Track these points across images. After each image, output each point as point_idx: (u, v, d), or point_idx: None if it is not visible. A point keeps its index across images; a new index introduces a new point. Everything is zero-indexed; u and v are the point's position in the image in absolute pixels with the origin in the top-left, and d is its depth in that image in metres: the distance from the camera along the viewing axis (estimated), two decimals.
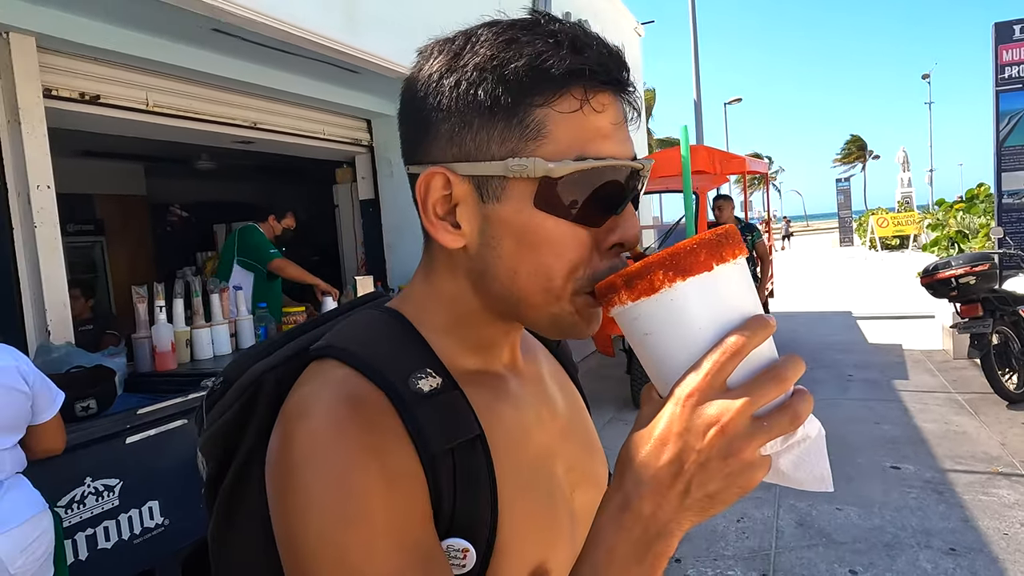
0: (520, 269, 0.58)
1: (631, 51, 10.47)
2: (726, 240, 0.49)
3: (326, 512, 0.50)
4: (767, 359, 0.49)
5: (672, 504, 0.47)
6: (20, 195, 3.18)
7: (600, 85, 0.56)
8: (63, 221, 7.93)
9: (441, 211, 0.60)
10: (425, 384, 0.57)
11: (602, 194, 0.57)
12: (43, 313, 3.22)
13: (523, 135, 0.55)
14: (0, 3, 2.99)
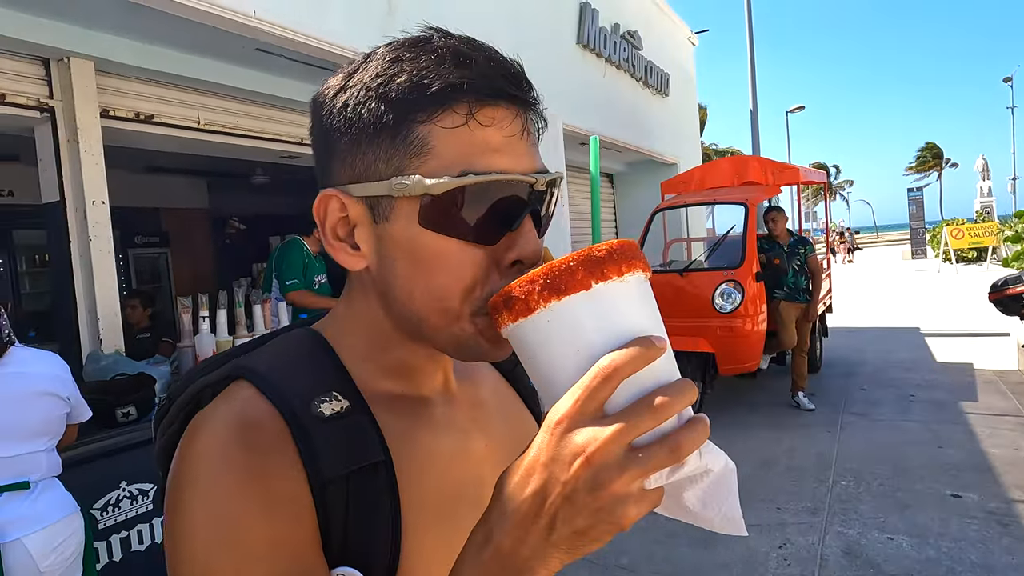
0: (415, 290, 0.57)
1: (684, 60, 10.32)
2: (610, 257, 0.46)
3: (200, 535, 0.49)
4: (657, 384, 0.45)
5: (535, 539, 0.43)
6: (77, 210, 3.36)
7: (487, 98, 0.54)
8: (132, 233, 8.37)
9: (342, 233, 0.59)
10: (327, 408, 0.56)
11: (495, 210, 0.54)
12: (96, 322, 3.38)
13: (407, 152, 0.54)
14: (61, 30, 3.19)
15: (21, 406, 1.93)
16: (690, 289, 5.71)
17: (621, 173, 10.03)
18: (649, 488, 0.43)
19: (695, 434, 0.43)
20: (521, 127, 0.57)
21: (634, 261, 0.48)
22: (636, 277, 0.48)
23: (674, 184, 7.32)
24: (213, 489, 0.50)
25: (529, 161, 0.57)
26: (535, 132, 0.59)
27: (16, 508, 1.90)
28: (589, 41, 6.80)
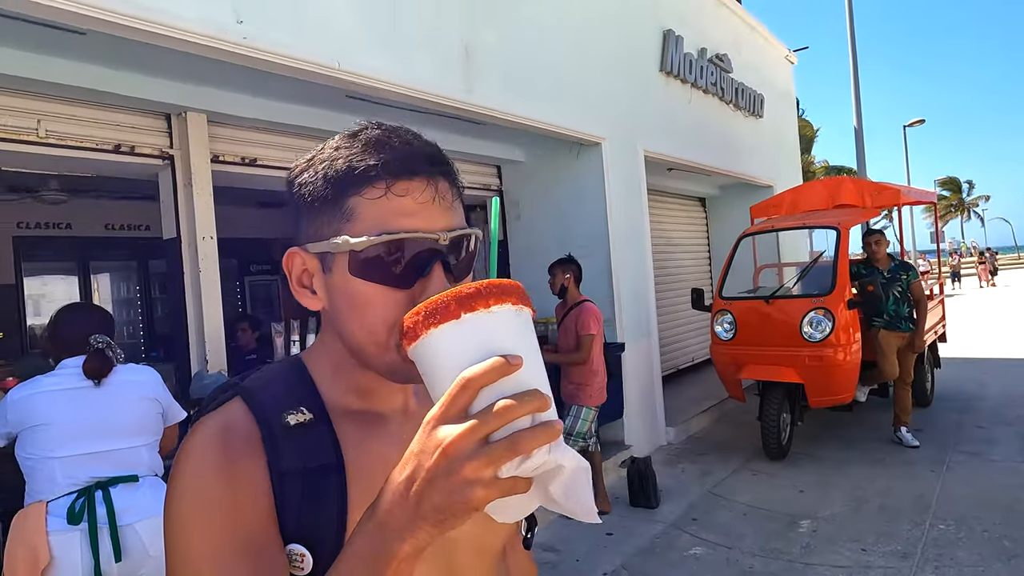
0: (353, 326, 0.71)
1: (781, 80, 10.03)
2: (478, 293, 0.56)
3: (183, 504, 0.67)
4: (512, 391, 0.53)
5: (406, 513, 0.53)
6: (190, 245, 3.80)
7: (402, 175, 0.69)
8: (247, 262, 9.09)
9: (305, 281, 0.75)
10: (293, 419, 0.71)
11: (407, 260, 0.68)
12: (203, 344, 3.78)
13: (341, 219, 0.70)
14: (179, 89, 3.65)
15: (124, 408, 2.29)
16: (777, 316, 5.53)
17: (714, 197, 9.84)
18: (502, 477, 0.53)
19: (535, 433, 0.52)
20: (432, 195, 0.70)
21: (504, 297, 0.56)
22: (505, 309, 0.56)
23: (764, 208, 7.12)
24: (192, 475, 0.68)
25: (441, 221, 0.70)
26: (450, 196, 0.72)
27: (129, 498, 2.22)
28: (673, 68, 6.80)
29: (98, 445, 2.22)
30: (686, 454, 6.01)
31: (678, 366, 8.79)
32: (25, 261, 6.87)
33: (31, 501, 2.19)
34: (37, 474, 2.20)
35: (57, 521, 2.13)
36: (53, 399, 2.22)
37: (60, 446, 2.19)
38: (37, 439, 2.19)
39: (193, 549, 0.65)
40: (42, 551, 2.09)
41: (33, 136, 3.33)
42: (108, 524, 2.17)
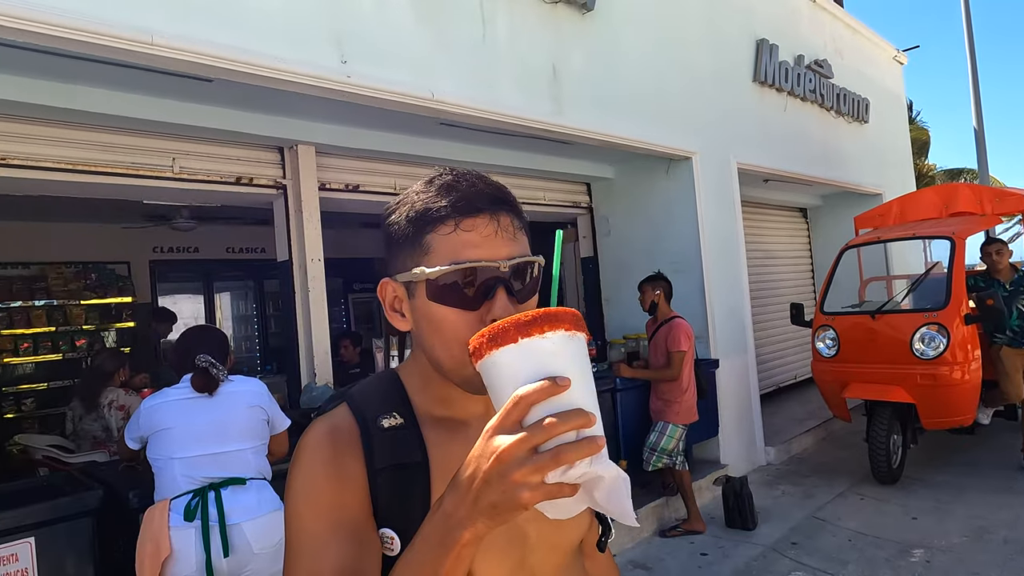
0: (433, 343, 0.83)
1: (889, 82, 9.52)
2: (535, 320, 0.63)
3: (296, 495, 0.82)
4: (561, 408, 0.61)
5: (466, 507, 0.63)
6: (300, 267, 4.12)
7: (468, 213, 0.81)
8: (351, 281, 9.56)
9: (396, 307, 0.89)
10: (387, 422, 0.85)
11: (473, 285, 0.80)
12: (312, 359, 4.08)
13: (420, 253, 0.83)
14: (291, 125, 3.99)
15: (233, 415, 2.54)
16: (885, 332, 5.24)
17: (815, 207, 9.43)
18: (548, 482, 0.61)
19: (578, 447, 0.60)
20: (495, 229, 0.82)
21: (557, 324, 0.64)
22: (559, 335, 0.64)
23: (869, 218, 6.77)
24: (306, 466, 0.83)
25: (503, 251, 0.81)
26: (512, 229, 0.83)
27: (238, 499, 2.45)
28: (767, 77, 6.64)
29: (212, 447, 2.47)
30: (787, 475, 5.78)
31: (779, 384, 8.45)
32: (159, 282, 7.61)
33: (158, 499, 2.47)
34: (163, 474, 2.48)
35: (176, 518, 2.38)
36: (175, 407, 2.51)
37: (180, 448, 2.45)
38: (162, 442, 2.48)
39: (305, 531, 0.79)
40: (163, 544, 2.34)
41: (169, 172, 3.75)
42: (219, 523, 2.40)
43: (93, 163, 3.50)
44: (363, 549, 0.79)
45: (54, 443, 4.34)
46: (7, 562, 2.34)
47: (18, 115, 3.22)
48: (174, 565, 2.35)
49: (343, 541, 0.78)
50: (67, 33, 2.42)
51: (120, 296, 7.10)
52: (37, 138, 3.32)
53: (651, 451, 4.41)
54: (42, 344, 6.62)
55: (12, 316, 6.46)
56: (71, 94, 3.15)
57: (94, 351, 6.57)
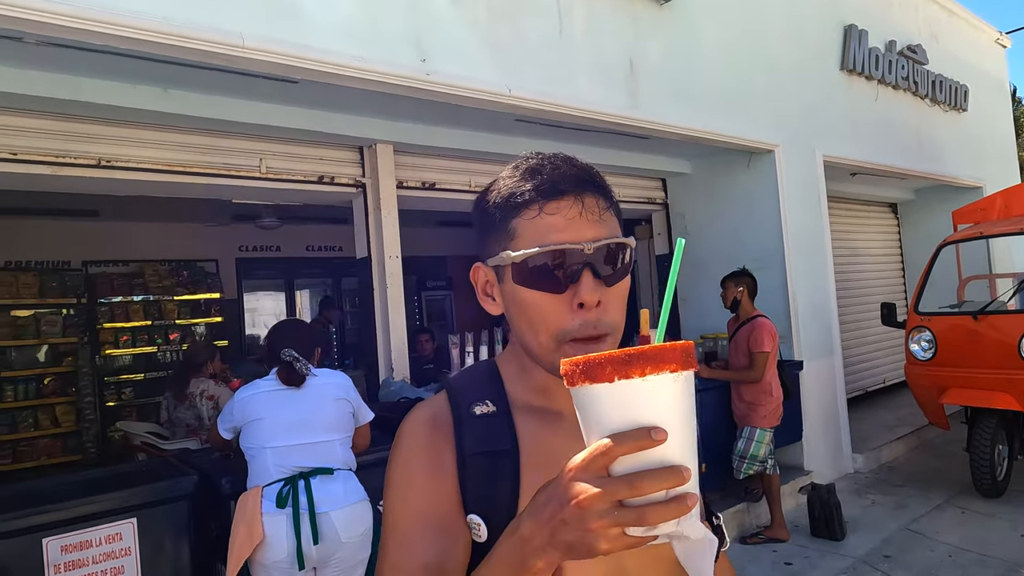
0: (522, 328, 0.83)
1: (991, 66, 8.89)
2: (633, 359, 0.57)
3: (392, 479, 0.84)
4: (660, 463, 0.56)
5: (542, 538, 0.61)
6: (378, 263, 4.20)
7: (551, 197, 0.80)
8: (424, 279, 9.73)
9: (488, 291, 0.88)
10: (479, 409, 0.85)
11: (557, 268, 0.78)
12: (389, 354, 4.15)
13: (507, 238, 0.82)
14: (371, 124, 4.07)
15: (321, 407, 2.60)
16: (989, 335, 4.88)
17: (907, 202, 8.90)
18: (631, 535, 0.57)
19: (665, 509, 0.56)
20: (579, 211, 0.79)
21: (661, 365, 0.57)
22: (660, 378, 0.57)
23: (969, 212, 6.32)
24: (402, 454, 0.85)
25: (589, 233, 0.79)
26: (598, 210, 0.81)
27: (326, 488, 2.51)
28: (856, 65, 6.31)
29: (301, 438, 2.54)
30: (877, 484, 5.47)
31: (866, 388, 8.03)
32: (245, 279, 7.96)
33: (251, 486, 2.55)
34: (255, 462, 2.56)
35: (269, 504, 2.46)
36: (267, 398, 2.59)
37: (272, 438, 2.53)
38: (254, 432, 2.56)
39: (397, 522, 0.82)
40: (256, 529, 2.42)
41: (256, 172, 3.89)
42: (308, 511, 2.46)
43: (188, 164, 3.67)
44: (449, 541, 0.79)
45: (151, 430, 4.60)
46: (112, 540, 2.48)
47: (121, 119, 3.40)
48: (266, 551, 2.42)
49: (430, 534, 0.79)
50: (162, 38, 2.53)
51: (209, 292, 7.46)
52: (140, 141, 3.51)
53: (740, 459, 4.25)
54: (139, 337, 7.04)
55: (113, 310, 6.88)
56: (168, 98, 3.32)
57: (187, 344, 6.93)
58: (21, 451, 6.22)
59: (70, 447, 6.44)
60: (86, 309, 6.76)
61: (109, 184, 3.60)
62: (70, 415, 6.47)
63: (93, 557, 2.44)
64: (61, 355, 6.55)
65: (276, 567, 2.44)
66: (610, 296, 0.80)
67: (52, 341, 6.48)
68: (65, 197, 4.74)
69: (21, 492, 2.94)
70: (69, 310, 6.65)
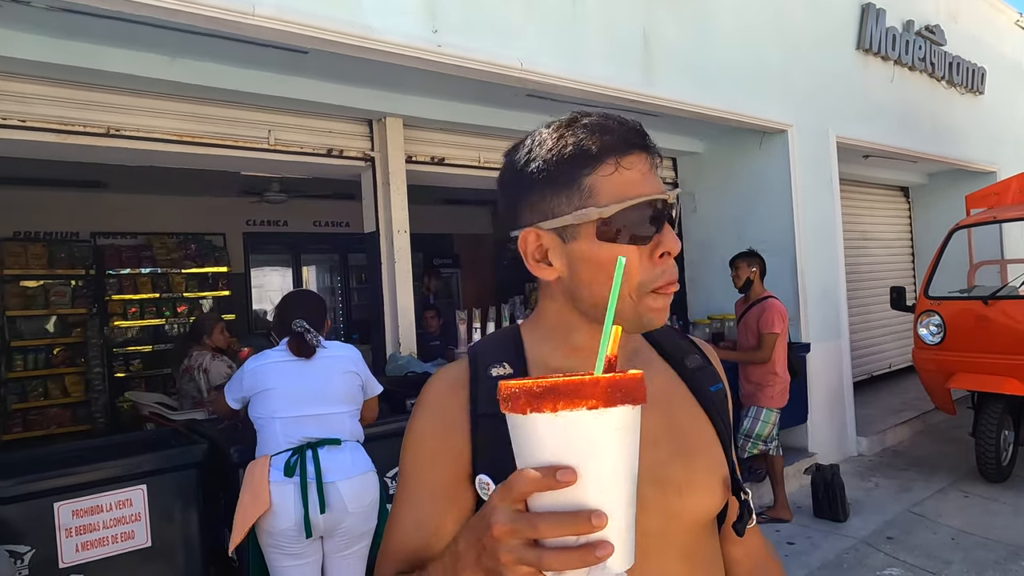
0: (598, 286, 0.80)
1: (1009, 49, 8.74)
2: (546, 393, 0.53)
3: (408, 438, 0.86)
4: (574, 505, 0.53)
5: (471, 557, 0.61)
6: (386, 238, 4.18)
7: (626, 151, 0.80)
8: (431, 255, 9.73)
9: (539, 256, 0.84)
10: (495, 371, 0.85)
11: (643, 221, 0.79)
12: (396, 329, 4.15)
13: (581, 195, 0.80)
14: (381, 97, 4.03)
15: (331, 379, 2.60)
16: (999, 320, 4.85)
17: (919, 186, 8.81)
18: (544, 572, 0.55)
19: (567, 555, 0.54)
20: (649, 165, 0.81)
21: (577, 400, 0.52)
22: (576, 415, 0.53)
23: (983, 197, 6.24)
24: (417, 413, 0.87)
25: (659, 186, 0.81)
26: (657, 165, 0.83)
27: (333, 459, 2.52)
28: (872, 44, 6.20)
29: (310, 409, 2.55)
30: (880, 467, 5.48)
31: (872, 372, 8.02)
32: (252, 253, 7.96)
33: (259, 455, 2.57)
34: (264, 432, 2.57)
35: (277, 473, 2.47)
36: (277, 369, 2.59)
37: (281, 408, 2.54)
38: (264, 401, 2.56)
39: (404, 483, 0.85)
40: (263, 497, 2.43)
41: (265, 144, 3.87)
42: (316, 480, 2.47)
43: (196, 134, 3.65)
44: (450, 506, 0.81)
45: (160, 401, 4.64)
46: (123, 506, 2.51)
47: (128, 87, 3.38)
48: (273, 519, 2.43)
49: (429, 495, 0.82)
50: (172, 4, 2.49)
51: (216, 266, 7.47)
52: (148, 110, 3.49)
53: (746, 438, 4.26)
54: (147, 309, 7.06)
55: (121, 282, 6.91)
56: (176, 67, 3.29)
57: (194, 316, 6.96)
58: (31, 420, 6.29)
59: (79, 417, 6.51)
60: (95, 280, 6.78)
61: (117, 153, 3.58)
62: (79, 385, 6.52)
63: (104, 522, 2.47)
64: (70, 326, 6.59)
65: (283, 535, 2.45)
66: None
67: (61, 312, 6.52)
68: (73, 167, 4.72)
69: (33, 458, 2.97)
70: (78, 281, 6.68)
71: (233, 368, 4.42)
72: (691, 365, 0.95)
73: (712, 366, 0.98)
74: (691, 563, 0.86)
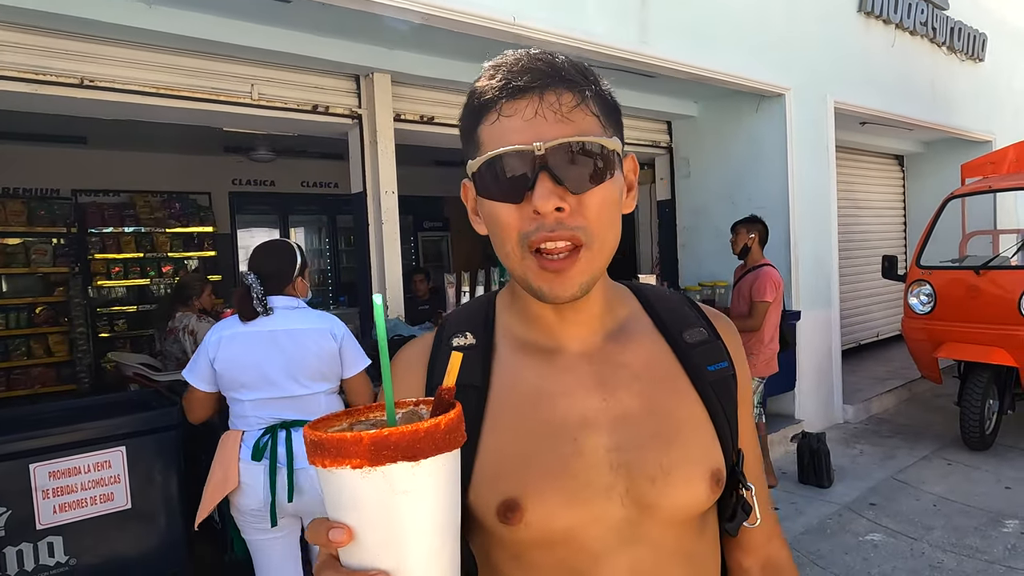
0: (494, 244, 0.76)
1: (1010, 14, 8.58)
2: (319, 447, 0.49)
3: None
4: (357, 564, 0.52)
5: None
6: (374, 198, 4.09)
7: (507, 97, 0.71)
8: (421, 219, 9.61)
9: (474, 210, 0.80)
10: (457, 341, 0.80)
11: (509, 175, 0.70)
12: (384, 291, 4.08)
13: (474, 147, 0.74)
14: (369, 51, 3.89)
15: (305, 356, 2.32)
16: (989, 290, 4.84)
17: (915, 154, 8.74)
18: None
19: None
20: (536, 109, 0.70)
21: (340, 458, 0.49)
22: (342, 472, 0.49)
23: (978, 166, 6.19)
24: None
25: (548, 133, 0.69)
26: (562, 107, 0.70)
27: None
28: (874, 7, 6.06)
29: (282, 389, 2.29)
30: (866, 435, 5.53)
31: (859, 340, 8.05)
32: (238, 214, 7.82)
33: (232, 428, 2.37)
34: (236, 406, 2.35)
35: (247, 451, 2.29)
36: (243, 340, 2.29)
37: (251, 387, 2.29)
38: (231, 378, 2.30)
39: None
40: (232, 475, 2.26)
41: (247, 99, 3.74)
42: (287, 465, 2.27)
43: (176, 87, 3.51)
44: None
45: (143, 362, 4.57)
46: (101, 468, 2.46)
47: (105, 36, 3.23)
48: (241, 497, 2.29)
49: None
50: None
51: (202, 226, 7.34)
52: (124, 61, 3.34)
53: None
54: (131, 269, 6.95)
55: (104, 241, 6.77)
56: (153, 14, 3.14)
57: (179, 277, 6.85)
58: (14, 379, 6.22)
59: (63, 377, 6.45)
60: (76, 239, 6.64)
61: (92, 106, 3.44)
62: (63, 345, 6.44)
63: (82, 484, 2.43)
64: (52, 285, 6.47)
65: (252, 514, 2.31)
66: (580, 203, 0.70)
67: (43, 270, 6.39)
68: (52, 121, 4.57)
69: (9, 417, 2.92)
70: (59, 239, 6.54)
71: None
72: (690, 339, 0.84)
73: (719, 341, 0.86)
74: (671, 563, 0.76)
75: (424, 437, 0.49)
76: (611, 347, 0.81)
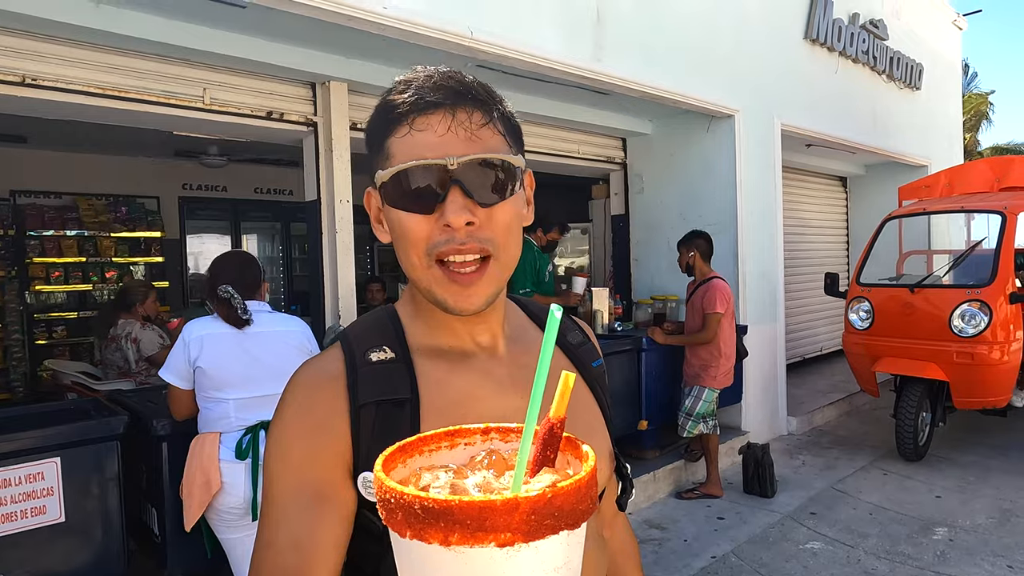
0: (399, 253, 0.77)
1: (945, 48, 9.07)
2: (438, 516, 0.37)
3: (269, 449, 0.76)
4: None
5: None
6: (328, 207, 4.05)
7: (420, 111, 0.73)
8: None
9: (377, 218, 0.82)
10: (375, 356, 0.77)
11: (420, 187, 0.73)
12: (336, 301, 4.05)
13: (383, 158, 0.76)
14: (324, 59, 3.87)
15: (279, 356, 2.41)
16: (923, 307, 5.07)
17: (857, 176, 9.11)
18: None
19: None
20: (448, 125, 0.73)
21: (480, 534, 0.36)
22: (478, 552, 0.37)
23: (914, 189, 6.51)
24: (279, 416, 0.77)
25: (459, 149, 0.72)
26: (473, 125, 0.74)
27: None
28: (819, 35, 6.33)
29: (266, 389, 2.35)
30: (808, 446, 5.71)
31: (804, 355, 8.32)
32: (188, 219, 7.63)
33: (205, 431, 2.38)
34: (214, 410, 2.36)
35: (228, 452, 2.33)
36: (225, 341, 2.36)
37: (235, 387, 2.35)
38: (212, 377, 2.34)
39: (271, 496, 0.74)
40: (214, 477, 2.30)
41: (199, 103, 3.67)
42: None
43: (125, 89, 3.43)
44: (325, 512, 0.71)
45: (82, 370, 4.41)
46: (34, 480, 2.37)
47: (49, 34, 3.14)
48: (222, 497, 2.34)
49: (305, 507, 0.71)
50: None
51: (149, 231, 7.13)
52: (69, 60, 3.25)
53: (687, 416, 4.34)
54: (72, 274, 6.70)
55: (44, 244, 6.52)
56: (100, 14, 3.07)
57: (123, 282, 6.64)
58: None
59: None
60: (14, 241, 6.38)
61: (34, 104, 3.33)
62: None
63: (12, 496, 2.33)
64: None
65: (229, 512, 2.35)
66: (489, 217, 0.73)
67: None
68: None
69: None
70: None
71: (165, 338, 4.24)
72: (573, 341, 0.93)
73: (591, 342, 0.96)
74: (589, 543, 0.81)
75: (585, 493, 0.38)
76: (514, 349, 0.86)
